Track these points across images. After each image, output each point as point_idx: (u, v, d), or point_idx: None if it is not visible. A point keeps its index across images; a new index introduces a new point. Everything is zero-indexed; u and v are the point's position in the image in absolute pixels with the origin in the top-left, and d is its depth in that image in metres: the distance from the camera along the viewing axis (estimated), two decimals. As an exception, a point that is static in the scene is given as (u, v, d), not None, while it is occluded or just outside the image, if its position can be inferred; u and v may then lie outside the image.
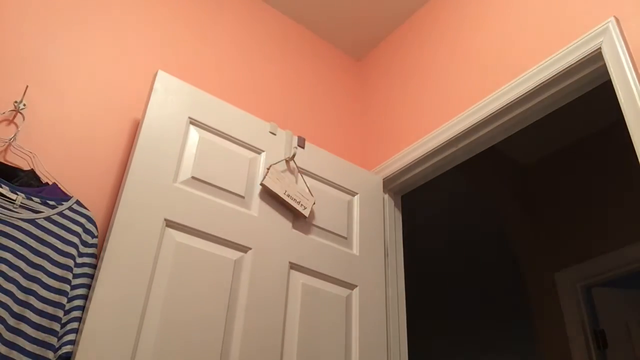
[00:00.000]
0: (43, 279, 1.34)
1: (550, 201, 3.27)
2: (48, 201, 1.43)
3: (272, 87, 2.33)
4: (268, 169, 1.84)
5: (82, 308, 1.35)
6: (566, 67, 1.73)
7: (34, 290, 1.31)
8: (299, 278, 1.78)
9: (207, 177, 1.71)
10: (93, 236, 1.47)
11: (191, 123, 1.77)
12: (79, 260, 1.42)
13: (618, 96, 1.55)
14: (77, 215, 1.46)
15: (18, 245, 1.33)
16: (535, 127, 2.01)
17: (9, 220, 1.34)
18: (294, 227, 1.85)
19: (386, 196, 2.25)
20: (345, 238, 1.98)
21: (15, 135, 1.53)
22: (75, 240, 1.43)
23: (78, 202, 1.48)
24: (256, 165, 1.87)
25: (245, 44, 2.35)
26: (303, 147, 2.02)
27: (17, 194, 1.39)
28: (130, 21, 2.00)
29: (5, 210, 1.35)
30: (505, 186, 3.33)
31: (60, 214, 1.44)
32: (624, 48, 1.58)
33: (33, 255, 1.34)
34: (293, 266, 1.79)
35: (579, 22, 1.75)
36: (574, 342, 2.78)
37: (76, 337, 1.30)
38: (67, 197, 1.48)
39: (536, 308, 3.09)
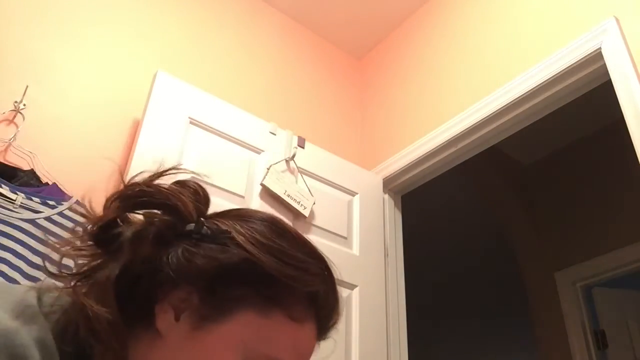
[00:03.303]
0: (43, 279, 1.34)
1: (550, 201, 3.26)
2: (48, 201, 1.43)
3: (272, 87, 2.33)
4: (268, 169, 1.84)
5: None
6: (566, 67, 1.73)
7: (34, 290, 1.31)
8: (299, 278, 1.78)
9: (207, 178, 1.71)
10: (93, 236, 1.47)
11: (191, 123, 1.77)
12: (79, 260, 1.41)
13: (618, 96, 1.55)
14: (77, 216, 1.46)
15: (18, 246, 1.33)
16: (535, 127, 2.01)
17: (9, 220, 1.34)
18: (294, 227, 1.84)
19: (386, 196, 2.25)
20: (345, 238, 1.98)
21: (15, 135, 1.53)
22: (75, 240, 1.43)
23: (78, 202, 1.48)
24: (256, 165, 1.86)
25: (246, 43, 2.34)
26: (303, 147, 2.02)
27: (17, 194, 1.39)
28: (131, 21, 2.00)
29: (6, 210, 1.35)
30: (506, 186, 3.33)
31: (61, 214, 1.43)
32: (624, 48, 1.58)
33: (33, 255, 1.34)
34: (293, 266, 1.78)
35: (579, 22, 1.75)
36: (574, 342, 2.77)
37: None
38: (67, 197, 1.48)
39: (536, 308, 3.09)
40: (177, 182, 0.62)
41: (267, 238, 0.57)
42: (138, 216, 0.59)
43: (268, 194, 1.82)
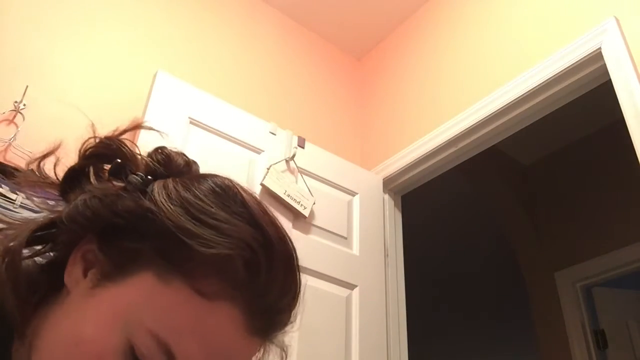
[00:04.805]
0: (43, 279, 1.34)
1: (550, 201, 3.26)
2: (48, 201, 1.43)
3: (272, 87, 2.33)
4: (268, 169, 1.84)
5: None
6: (566, 67, 1.73)
7: (34, 290, 1.31)
8: (299, 278, 1.78)
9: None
10: (93, 236, 1.47)
11: (191, 123, 1.77)
12: (79, 260, 1.41)
13: (618, 96, 1.55)
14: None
15: (18, 245, 1.33)
16: (535, 127, 2.01)
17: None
18: (294, 227, 1.85)
19: (386, 196, 2.24)
20: (345, 238, 1.98)
21: (15, 135, 1.53)
22: (75, 240, 1.43)
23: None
24: (256, 165, 1.87)
25: (246, 43, 2.34)
26: (303, 147, 2.02)
27: (17, 194, 1.39)
28: (130, 21, 2.00)
29: (6, 211, 1.35)
30: (506, 186, 3.33)
31: (60, 214, 1.43)
32: (624, 48, 1.58)
33: (33, 255, 1.34)
34: (293, 266, 1.78)
35: (579, 22, 1.75)
36: (574, 342, 2.77)
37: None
38: (67, 197, 1.48)
39: (536, 308, 3.09)
40: (157, 148, 0.59)
41: (193, 194, 0.48)
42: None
43: (268, 194, 1.82)
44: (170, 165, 0.56)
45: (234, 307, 0.45)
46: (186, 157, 0.59)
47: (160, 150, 0.58)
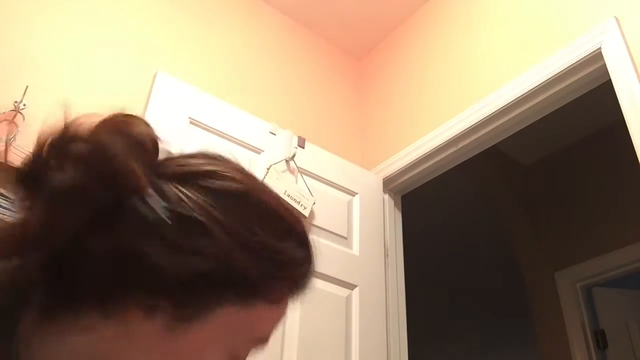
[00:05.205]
0: (43, 279, 1.33)
1: (550, 201, 3.26)
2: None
3: (272, 87, 2.33)
4: (268, 169, 1.84)
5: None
6: (566, 67, 1.73)
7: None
8: (299, 278, 1.78)
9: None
10: (93, 236, 1.46)
11: (191, 123, 1.77)
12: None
13: (618, 96, 1.55)
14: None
15: (18, 245, 1.33)
16: (535, 127, 2.01)
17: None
18: (294, 227, 1.84)
19: (386, 196, 2.25)
20: (345, 238, 1.98)
21: (15, 135, 1.53)
22: (75, 240, 1.43)
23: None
24: (256, 165, 1.86)
25: (246, 43, 2.34)
26: (303, 147, 2.02)
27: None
28: (131, 21, 2.00)
29: (5, 210, 1.35)
30: (506, 186, 3.33)
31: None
32: (624, 48, 1.58)
33: (33, 255, 1.34)
34: (293, 266, 1.78)
35: (579, 22, 1.75)
36: (574, 342, 2.77)
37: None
38: (67, 197, 1.47)
39: (536, 308, 3.09)
40: (120, 131, 0.49)
41: (243, 224, 0.50)
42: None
43: (268, 194, 1.82)
44: (148, 152, 0.54)
45: (289, 299, 0.56)
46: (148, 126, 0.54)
47: (132, 135, 0.52)
